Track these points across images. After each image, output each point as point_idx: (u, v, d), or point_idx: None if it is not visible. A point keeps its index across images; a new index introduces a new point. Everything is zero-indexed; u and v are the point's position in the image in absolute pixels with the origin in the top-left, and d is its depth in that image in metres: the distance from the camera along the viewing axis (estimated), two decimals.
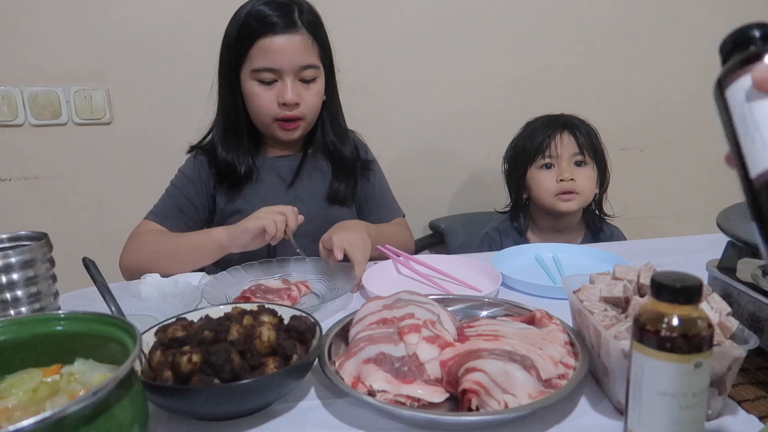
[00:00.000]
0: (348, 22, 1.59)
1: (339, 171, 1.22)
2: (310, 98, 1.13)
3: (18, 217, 1.56)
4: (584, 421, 0.56)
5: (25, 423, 0.36)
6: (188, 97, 1.57)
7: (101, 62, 1.52)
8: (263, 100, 1.11)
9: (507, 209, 1.46)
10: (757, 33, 0.44)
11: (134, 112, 1.57)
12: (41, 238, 0.72)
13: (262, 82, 1.10)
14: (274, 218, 0.94)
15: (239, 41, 1.10)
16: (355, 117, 1.28)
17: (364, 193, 1.27)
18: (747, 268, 0.67)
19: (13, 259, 0.67)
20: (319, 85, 1.15)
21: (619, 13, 1.77)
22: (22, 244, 0.72)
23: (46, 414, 0.37)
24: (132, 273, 1.06)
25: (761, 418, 0.55)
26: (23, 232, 0.74)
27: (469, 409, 0.55)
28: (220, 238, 0.99)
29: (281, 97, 1.09)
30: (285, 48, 1.07)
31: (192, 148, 1.25)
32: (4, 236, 0.73)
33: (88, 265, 0.73)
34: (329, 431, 0.56)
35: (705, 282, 0.47)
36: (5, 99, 1.49)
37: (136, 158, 1.60)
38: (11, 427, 0.36)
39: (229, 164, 1.17)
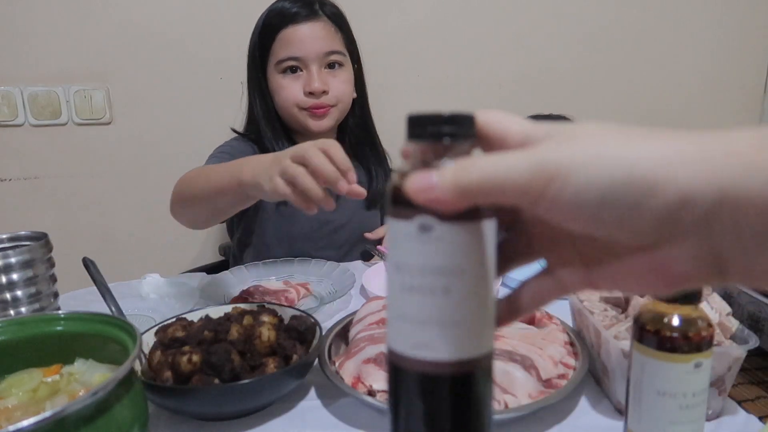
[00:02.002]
0: (349, 22, 1.59)
1: (378, 173, 1.19)
2: (339, 85, 1.11)
3: (18, 217, 1.56)
4: (584, 421, 0.56)
5: (25, 423, 0.36)
6: (188, 97, 1.57)
7: (101, 62, 1.52)
8: (289, 90, 1.09)
9: None
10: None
11: (134, 112, 1.57)
12: (41, 238, 0.72)
13: (287, 73, 1.09)
14: (312, 160, 0.62)
15: (262, 38, 1.10)
16: None
17: (375, 188, 1.24)
18: None
19: (13, 259, 0.67)
20: (347, 73, 1.13)
21: (620, 13, 1.77)
22: (22, 244, 0.72)
23: (46, 414, 0.37)
24: (176, 210, 0.96)
25: (761, 418, 0.55)
26: (23, 232, 0.74)
27: None
28: (243, 173, 0.70)
29: (308, 86, 1.08)
30: (307, 36, 1.06)
31: (238, 133, 1.20)
32: (4, 236, 0.73)
33: (88, 265, 0.72)
34: (329, 431, 0.56)
35: None
36: (5, 99, 1.48)
37: (136, 158, 1.60)
38: (11, 427, 0.36)
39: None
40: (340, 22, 1.12)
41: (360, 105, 1.20)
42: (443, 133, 0.28)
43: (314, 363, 0.62)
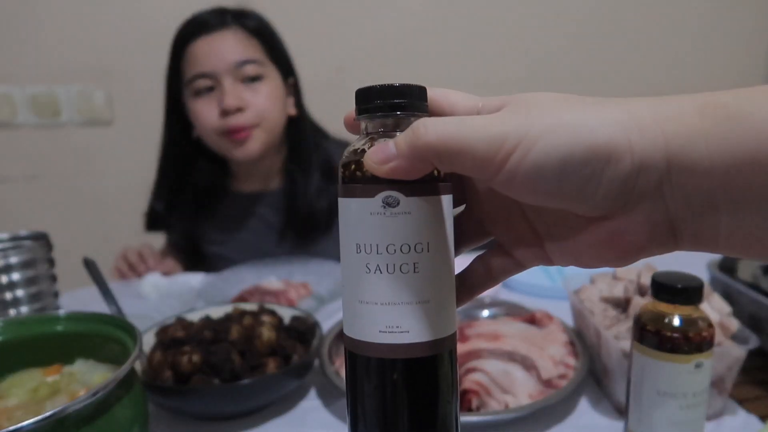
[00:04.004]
0: (347, 23, 1.59)
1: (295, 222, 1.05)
2: (259, 100, 0.97)
3: (18, 217, 1.56)
4: (584, 421, 0.56)
5: (25, 423, 0.36)
6: None
7: (102, 62, 1.52)
8: (203, 113, 0.96)
9: None
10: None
11: (134, 112, 1.57)
12: (41, 238, 0.72)
13: (202, 96, 0.97)
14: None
15: (172, 58, 1.01)
16: None
17: None
18: (747, 268, 0.67)
19: (13, 259, 0.67)
20: (270, 87, 0.98)
21: (618, 14, 1.78)
22: (22, 244, 0.72)
23: (46, 414, 0.37)
24: None
25: (761, 418, 0.55)
26: (23, 232, 0.74)
27: (469, 409, 0.55)
28: None
29: (220, 103, 0.95)
30: (214, 46, 0.94)
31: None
32: (4, 236, 0.73)
33: (88, 265, 0.72)
34: (329, 431, 0.56)
35: (705, 282, 0.47)
36: (5, 99, 1.49)
37: (136, 158, 1.60)
38: (11, 427, 0.36)
39: (175, 216, 1.07)
40: (258, 29, 0.99)
41: (300, 122, 1.06)
42: (394, 105, 0.27)
43: (314, 363, 0.62)
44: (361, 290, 0.27)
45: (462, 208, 0.31)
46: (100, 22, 1.50)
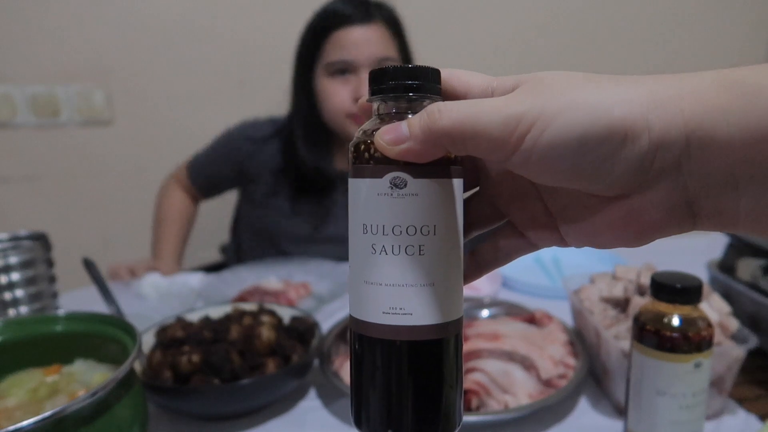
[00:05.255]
0: None
1: None
2: None
3: (18, 217, 1.56)
4: (584, 421, 0.56)
5: (25, 423, 0.36)
6: (189, 97, 1.57)
7: (102, 62, 1.52)
8: (338, 95, 1.04)
9: None
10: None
11: (134, 112, 1.57)
12: (41, 238, 0.72)
13: (336, 77, 1.04)
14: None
15: (314, 36, 1.06)
16: None
17: None
18: (747, 268, 0.67)
19: (13, 259, 0.67)
20: None
21: (621, 11, 1.78)
22: (22, 244, 0.72)
23: (46, 414, 0.37)
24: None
25: (761, 418, 0.55)
26: (23, 232, 0.74)
27: (469, 409, 0.55)
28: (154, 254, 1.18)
29: (357, 92, 1.02)
30: (360, 39, 1.01)
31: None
32: (4, 236, 0.73)
33: (88, 265, 0.72)
34: (329, 431, 0.56)
35: (705, 282, 0.47)
36: (5, 99, 1.48)
37: (136, 158, 1.60)
38: (11, 427, 0.36)
39: (312, 167, 1.11)
40: (396, 27, 1.07)
41: None
42: (408, 87, 0.27)
43: (314, 363, 0.62)
44: (367, 271, 0.27)
45: (475, 190, 0.31)
46: (100, 22, 1.50)
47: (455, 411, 0.28)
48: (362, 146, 0.27)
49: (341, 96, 1.04)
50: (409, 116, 0.26)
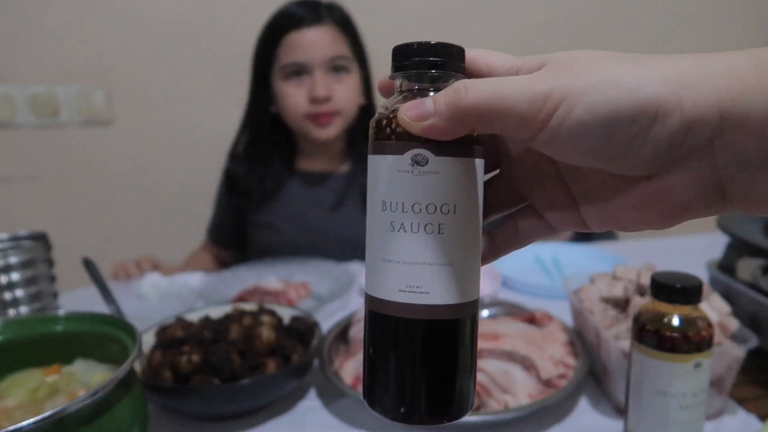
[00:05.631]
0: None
1: None
2: (343, 91, 1.08)
3: (18, 217, 1.56)
4: (584, 421, 0.56)
5: (25, 423, 0.36)
6: (189, 97, 1.57)
7: (101, 62, 1.52)
8: (293, 97, 1.08)
9: None
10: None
11: (134, 112, 1.57)
12: (41, 238, 0.72)
13: (292, 79, 1.08)
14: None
15: (268, 41, 1.09)
16: None
17: None
18: (747, 268, 0.67)
19: (13, 259, 0.67)
20: (352, 79, 1.10)
21: (621, 11, 1.78)
22: (22, 244, 0.72)
23: (46, 414, 0.37)
24: None
25: (761, 418, 0.55)
26: (23, 232, 0.74)
27: None
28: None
29: (311, 92, 1.06)
30: (312, 41, 1.05)
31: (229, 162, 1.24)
32: (4, 236, 0.73)
33: (88, 265, 0.72)
34: (329, 431, 0.56)
35: (705, 282, 0.47)
36: (5, 99, 1.48)
37: (136, 158, 1.60)
38: (11, 427, 0.36)
39: (250, 182, 1.16)
40: (346, 26, 1.10)
41: (369, 110, 1.17)
42: (432, 63, 0.26)
43: (314, 363, 0.62)
44: (384, 248, 0.27)
45: (495, 173, 0.31)
46: (100, 22, 1.50)
47: (469, 393, 0.28)
48: (384, 122, 0.27)
49: (297, 97, 1.07)
50: (431, 93, 0.26)
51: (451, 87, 0.24)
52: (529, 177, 0.29)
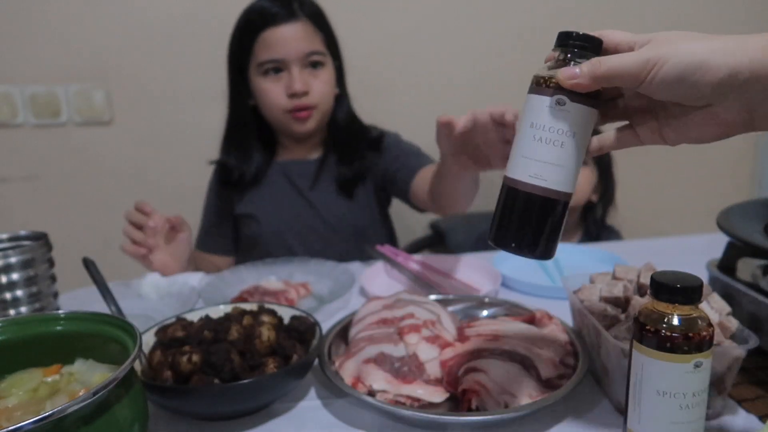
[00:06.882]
0: (347, 23, 1.59)
1: (374, 156, 1.21)
2: (319, 86, 1.11)
3: (18, 217, 1.56)
4: (584, 421, 0.56)
5: (25, 423, 0.36)
6: (189, 96, 1.57)
7: (101, 61, 1.52)
8: (272, 93, 1.10)
9: None
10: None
11: (134, 112, 1.57)
12: (41, 238, 0.72)
13: (269, 75, 1.09)
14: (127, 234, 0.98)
15: (243, 39, 1.10)
16: None
17: (384, 164, 1.21)
18: (747, 268, 0.67)
19: (13, 259, 0.67)
20: (327, 73, 1.13)
21: (621, 11, 1.77)
22: (22, 244, 0.72)
23: (46, 414, 0.37)
24: None
25: (761, 418, 0.55)
26: (23, 232, 0.74)
27: (469, 409, 0.55)
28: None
29: (289, 87, 1.08)
30: (287, 37, 1.07)
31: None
32: (4, 236, 0.73)
33: (88, 265, 0.72)
34: (329, 431, 0.56)
35: (705, 282, 0.47)
36: (5, 99, 1.49)
37: (136, 158, 1.60)
38: (11, 427, 0.36)
39: (232, 168, 1.18)
40: (319, 21, 1.12)
41: (342, 99, 1.21)
42: (583, 46, 0.44)
43: (314, 363, 0.62)
44: (526, 149, 0.45)
45: (616, 103, 0.49)
46: (100, 22, 1.50)
47: (553, 247, 0.47)
48: (545, 76, 0.44)
49: (275, 93, 1.10)
50: (572, 64, 0.43)
51: (590, 61, 0.42)
52: (635, 106, 0.47)
